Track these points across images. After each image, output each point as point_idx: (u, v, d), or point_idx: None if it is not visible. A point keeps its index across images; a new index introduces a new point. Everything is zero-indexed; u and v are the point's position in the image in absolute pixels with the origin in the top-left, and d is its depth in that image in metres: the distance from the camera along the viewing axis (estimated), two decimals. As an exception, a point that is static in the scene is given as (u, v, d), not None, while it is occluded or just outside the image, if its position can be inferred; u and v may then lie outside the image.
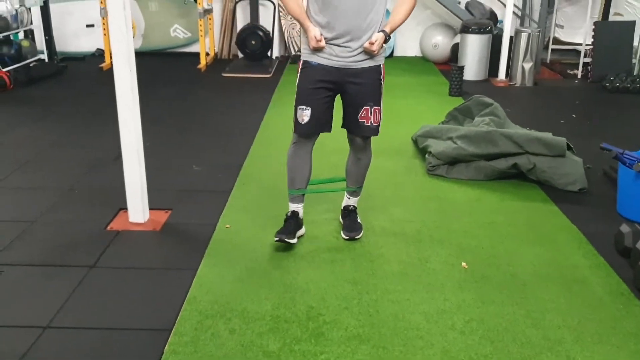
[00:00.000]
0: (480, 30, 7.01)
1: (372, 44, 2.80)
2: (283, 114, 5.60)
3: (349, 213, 3.33)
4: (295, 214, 3.21)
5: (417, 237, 3.28)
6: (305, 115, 2.94)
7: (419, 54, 8.87)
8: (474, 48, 7.08)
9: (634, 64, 7.18)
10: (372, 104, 2.94)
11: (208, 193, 3.84)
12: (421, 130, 4.52)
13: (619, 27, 7.18)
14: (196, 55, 8.34)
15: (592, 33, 7.16)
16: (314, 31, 2.84)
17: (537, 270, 2.92)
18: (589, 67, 7.22)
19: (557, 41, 8.30)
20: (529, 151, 3.89)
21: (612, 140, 3.91)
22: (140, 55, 3.99)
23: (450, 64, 6.61)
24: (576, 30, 8.43)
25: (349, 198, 3.36)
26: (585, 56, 7.41)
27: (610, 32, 7.13)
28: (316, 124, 2.98)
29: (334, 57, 2.87)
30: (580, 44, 8.09)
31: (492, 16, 7.87)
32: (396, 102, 6.11)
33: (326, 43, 2.84)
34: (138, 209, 3.36)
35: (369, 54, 2.85)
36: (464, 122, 4.57)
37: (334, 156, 4.09)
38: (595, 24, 7.19)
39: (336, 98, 3.01)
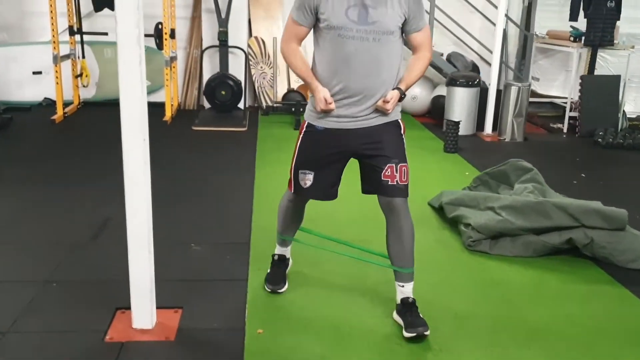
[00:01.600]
0: (468, 83, 6.71)
1: (386, 102, 2.55)
2: (276, 176, 4.98)
3: (409, 307, 2.73)
4: (282, 257, 3.13)
5: (493, 337, 2.71)
6: (307, 179, 2.73)
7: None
8: (462, 101, 6.75)
9: (619, 118, 7.07)
10: (398, 160, 2.62)
11: (220, 283, 3.16)
12: (448, 197, 4.02)
13: (605, 80, 7.08)
14: (157, 105, 7.60)
15: (579, 87, 7.00)
16: (323, 92, 2.58)
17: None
18: (577, 122, 7.03)
19: (533, 94, 8.15)
20: (585, 224, 3.45)
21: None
22: (94, 105, 3.33)
23: (446, 119, 6.24)
24: (551, 83, 8.34)
25: (402, 287, 2.79)
26: (570, 110, 7.23)
27: (596, 86, 7.00)
28: (320, 190, 2.76)
29: (343, 119, 2.61)
30: (557, 97, 7.98)
31: (475, 68, 7.63)
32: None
33: (336, 104, 2.59)
34: (145, 311, 2.64)
35: (382, 112, 2.60)
36: (499, 188, 4.11)
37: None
38: (582, 77, 7.06)
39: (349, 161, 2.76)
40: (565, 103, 7.63)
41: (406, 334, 2.64)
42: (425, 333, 2.62)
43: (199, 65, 7.92)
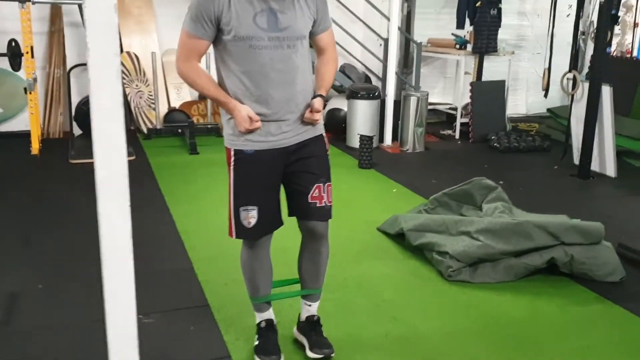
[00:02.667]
0: (369, 96, 6.52)
1: (317, 111, 2.34)
2: (199, 215, 4.37)
3: (314, 326, 2.64)
4: (270, 322, 2.61)
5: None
6: (251, 217, 2.37)
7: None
8: (364, 114, 6.55)
9: (506, 121, 7.34)
10: (325, 180, 2.43)
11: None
12: (409, 223, 3.72)
13: (493, 86, 7.30)
14: (17, 136, 6.52)
15: (470, 93, 7.15)
16: (245, 110, 2.27)
17: None
18: (469, 127, 7.17)
19: (418, 101, 8.23)
20: (565, 242, 3.34)
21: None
22: None
23: (359, 134, 5.96)
24: (431, 90, 8.47)
25: (309, 305, 2.66)
26: (461, 116, 7.36)
27: (485, 92, 7.20)
28: (267, 224, 2.42)
29: (271, 138, 2.34)
30: (439, 104, 8.13)
31: (367, 80, 7.49)
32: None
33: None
34: None
35: (310, 123, 2.37)
36: (461, 209, 3.88)
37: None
38: (471, 84, 7.21)
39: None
40: (450, 110, 7.80)
41: (311, 354, 2.56)
42: (332, 355, 2.55)
43: (64, 86, 6.87)
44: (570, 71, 6.03)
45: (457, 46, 7.33)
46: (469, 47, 7.25)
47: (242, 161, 2.36)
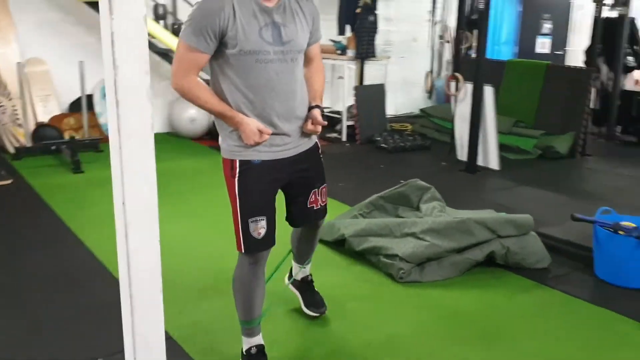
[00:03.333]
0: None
1: (318, 123, 2.40)
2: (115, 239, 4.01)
3: (309, 285, 2.99)
4: (261, 348, 2.52)
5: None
6: (261, 227, 2.35)
7: (162, 130, 7.73)
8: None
9: (386, 122, 7.67)
10: (319, 184, 2.56)
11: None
12: (350, 229, 3.74)
13: (374, 89, 7.56)
14: None
15: (354, 97, 7.34)
16: (254, 123, 2.26)
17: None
18: (355, 129, 7.37)
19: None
20: (501, 235, 3.57)
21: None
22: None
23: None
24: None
25: (304, 267, 2.95)
26: (349, 119, 7.55)
27: (367, 95, 7.44)
28: (273, 234, 2.42)
29: (275, 149, 2.35)
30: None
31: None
32: (212, 196, 5.11)
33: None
34: None
35: (308, 134, 2.43)
36: (397, 211, 3.95)
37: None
38: (355, 88, 7.41)
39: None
40: (332, 113, 7.97)
41: (308, 312, 2.95)
42: (325, 312, 2.97)
43: None
44: (452, 74, 6.42)
45: (339, 52, 7.50)
46: (349, 52, 7.45)
47: (249, 171, 2.31)
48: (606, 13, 7.60)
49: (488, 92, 5.96)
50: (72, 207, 4.68)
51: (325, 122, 2.46)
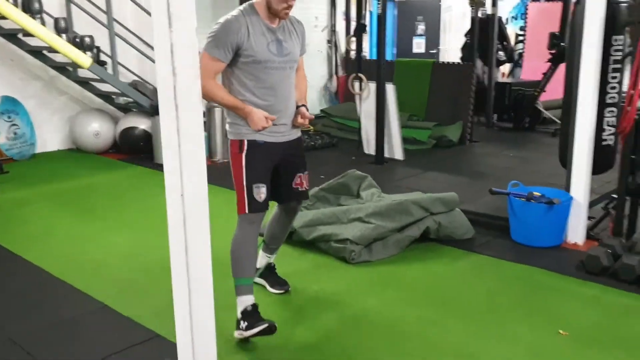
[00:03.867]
0: (174, 111, 6.52)
1: (306, 117, 3.03)
2: (63, 252, 4.03)
3: (272, 270, 3.47)
4: (255, 305, 2.92)
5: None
6: (262, 192, 2.94)
7: (63, 147, 7.50)
8: (171, 130, 6.53)
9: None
10: (304, 169, 3.14)
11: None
12: (299, 221, 4.01)
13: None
14: None
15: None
16: (261, 112, 2.87)
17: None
18: (264, 133, 7.62)
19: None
20: (433, 212, 4.03)
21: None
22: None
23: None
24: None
25: (270, 257, 3.43)
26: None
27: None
28: (268, 200, 3.01)
29: (275, 134, 2.96)
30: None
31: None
32: (143, 206, 5.21)
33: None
34: None
35: (295, 126, 3.05)
36: (339, 200, 4.28)
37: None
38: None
39: None
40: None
41: (274, 290, 3.40)
42: (289, 290, 3.41)
43: None
44: (356, 75, 6.88)
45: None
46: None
47: (254, 148, 2.90)
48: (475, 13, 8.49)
49: (390, 89, 6.49)
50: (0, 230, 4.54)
51: (312, 116, 3.08)
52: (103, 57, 7.01)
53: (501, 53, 8.92)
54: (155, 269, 3.75)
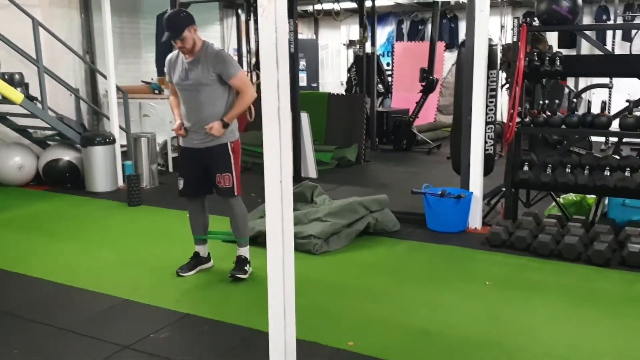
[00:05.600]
0: (106, 141, 7.00)
1: (209, 129, 3.94)
2: (61, 263, 4.48)
3: (237, 261, 4.25)
4: (196, 253, 4.36)
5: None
6: (180, 184, 4.22)
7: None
8: (104, 159, 6.99)
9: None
10: (222, 171, 4.08)
11: None
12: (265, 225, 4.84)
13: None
14: None
15: (179, 131, 8.24)
16: (177, 123, 4.12)
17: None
18: (183, 160, 8.26)
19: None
20: (372, 210, 5.07)
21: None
22: None
23: (130, 175, 6.42)
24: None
25: (238, 249, 4.30)
26: (173, 151, 8.38)
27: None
28: (190, 189, 4.22)
29: (189, 141, 4.10)
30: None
31: (85, 128, 7.73)
32: (106, 228, 5.75)
33: (186, 130, 4.07)
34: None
35: (214, 136, 3.98)
36: (297, 205, 5.14)
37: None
38: (179, 123, 8.29)
39: None
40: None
41: (229, 275, 4.17)
42: (238, 275, 4.15)
43: None
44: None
45: (156, 92, 8.34)
46: (167, 92, 8.34)
47: (180, 150, 4.23)
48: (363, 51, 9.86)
49: (304, 117, 7.52)
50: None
51: (215, 129, 3.92)
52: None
53: (380, 86, 10.36)
54: (157, 272, 4.38)
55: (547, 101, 5.09)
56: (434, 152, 9.90)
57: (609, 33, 10.68)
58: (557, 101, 5.14)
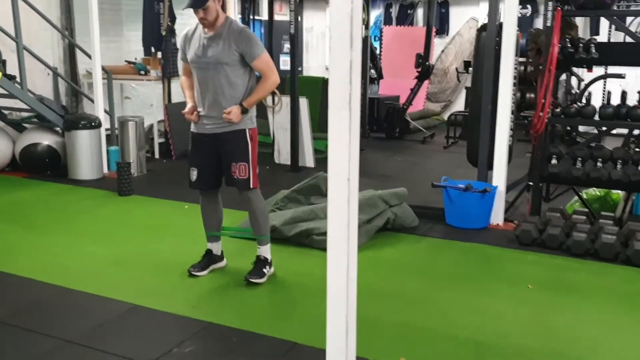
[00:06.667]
0: (91, 125, 6.47)
1: (227, 113, 3.53)
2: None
3: (256, 261, 3.84)
4: (208, 251, 3.94)
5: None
6: (192, 175, 3.76)
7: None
8: (89, 144, 6.46)
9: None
10: (237, 160, 3.64)
11: None
12: (278, 220, 4.46)
13: (182, 106, 7.98)
14: None
15: (166, 115, 7.73)
16: (188, 105, 3.70)
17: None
18: (170, 146, 7.77)
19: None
20: (391, 204, 4.73)
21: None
22: None
23: (120, 162, 5.91)
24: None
25: (258, 247, 3.87)
26: (159, 136, 7.88)
27: (177, 112, 7.86)
28: (201, 181, 3.78)
29: (202, 127, 3.68)
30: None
31: (66, 111, 7.16)
32: (94, 221, 5.28)
33: (199, 115, 3.66)
34: None
35: (231, 122, 3.57)
36: (310, 199, 4.75)
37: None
38: (166, 106, 7.78)
39: None
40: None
41: (245, 279, 3.73)
42: (253, 280, 3.72)
43: None
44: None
45: (142, 72, 7.80)
46: (153, 72, 7.82)
47: (192, 138, 3.78)
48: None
49: (303, 103, 7.11)
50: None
51: (232, 115, 3.51)
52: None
53: (372, 71, 9.99)
54: (162, 271, 3.96)
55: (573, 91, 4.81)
56: (428, 141, 9.61)
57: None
58: (574, 91, 4.88)
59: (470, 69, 10.42)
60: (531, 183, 4.92)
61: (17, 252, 4.33)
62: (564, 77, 6.47)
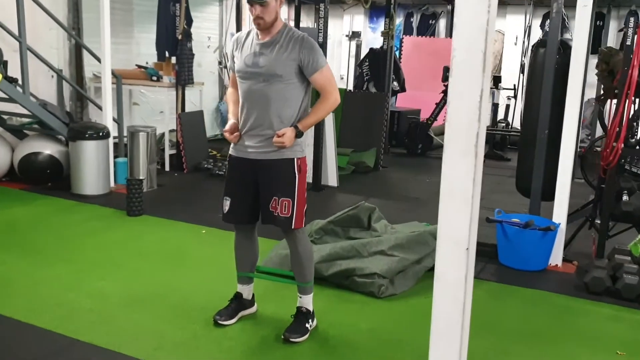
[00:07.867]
0: (99, 135, 5.89)
1: (279, 136, 2.96)
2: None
3: (297, 314, 3.26)
4: (238, 295, 3.39)
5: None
6: (225, 205, 3.20)
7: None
8: (95, 157, 5.88)
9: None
10: (280, 195, 3.04)
11: None
12: (316, 256, 3.87)
13: (195, 116, 7.47)
14: None
15: (179, 124, 7.16)
16: (230, 122, 3.13)
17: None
18: (182, 158, 7.20)
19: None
20: (441, 242, 4.15)
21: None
22: None
23: (130, 179, 5.32)
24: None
25: (300, 297, 3.28)
26: (171, 147, 7.31)
27: (190, 122, 7.33)
28: (235, 214, 3.19)
29: (243, 149, 3.10)
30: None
31: (71, 118, 6.58)
32: (99, 246, 4.69)
33: (241, 134, 3.10)
34: None
35: (280, 147, 2.99)
36: (349, 232, 4.17)
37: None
38: (180, 115, 7.21)
39: None
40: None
41: (282, 337, 3.15)
42: (292, 339, 3.14)
43: None
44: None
45: (154, 78, 7.23)
46: (166, 79, 7.25)
47: (229, 162, 3.21)
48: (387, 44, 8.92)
49: (328, 119, 6.53)
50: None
51: (285, 139, 2.95)
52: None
53: (395, 83, 9.44)
54: (183, 316, 3.38)
55: None
56: (453, 160, 9.04)
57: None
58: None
59: (501, 84, 10.03)
60: (597, 220, 4.35)
61: (11, 287, 3.73)
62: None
